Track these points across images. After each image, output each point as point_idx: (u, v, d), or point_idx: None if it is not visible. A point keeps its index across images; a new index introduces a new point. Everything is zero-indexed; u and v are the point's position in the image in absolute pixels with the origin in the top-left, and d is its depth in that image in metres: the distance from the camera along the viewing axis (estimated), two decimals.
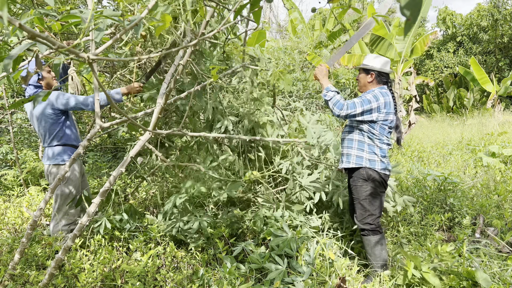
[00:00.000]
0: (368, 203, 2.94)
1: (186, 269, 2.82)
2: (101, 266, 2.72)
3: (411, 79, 9.92)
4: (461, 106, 19.02)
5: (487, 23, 20.68)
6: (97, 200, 2.24)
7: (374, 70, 3.02)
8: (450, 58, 22.29)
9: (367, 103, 2.85)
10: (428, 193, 4.62)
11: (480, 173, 6.24)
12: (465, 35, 22.50)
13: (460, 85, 21.10)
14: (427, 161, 7.48)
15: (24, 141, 6.58)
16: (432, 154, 8.12)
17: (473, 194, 4.82)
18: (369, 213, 2.95)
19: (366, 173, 2.93)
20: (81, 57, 0.95)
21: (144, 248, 2.98)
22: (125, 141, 5.08)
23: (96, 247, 3.00)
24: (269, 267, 2.74)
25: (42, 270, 2.84)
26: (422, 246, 3.61)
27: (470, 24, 21.95)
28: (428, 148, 8.79)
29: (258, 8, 1.38)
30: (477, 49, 21.93)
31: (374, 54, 3.08)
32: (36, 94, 1.21)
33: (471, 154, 8.02)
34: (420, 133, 12.37)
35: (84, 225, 2.13)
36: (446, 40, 23.35)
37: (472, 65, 15.01)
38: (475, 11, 21.70)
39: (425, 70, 23.26)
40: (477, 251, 3.35)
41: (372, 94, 2.91)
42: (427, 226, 3.94)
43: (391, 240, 3.83)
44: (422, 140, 10.66)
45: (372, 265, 2.97)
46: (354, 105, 2.84)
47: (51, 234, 3.26)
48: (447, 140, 10.43)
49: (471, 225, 4.04)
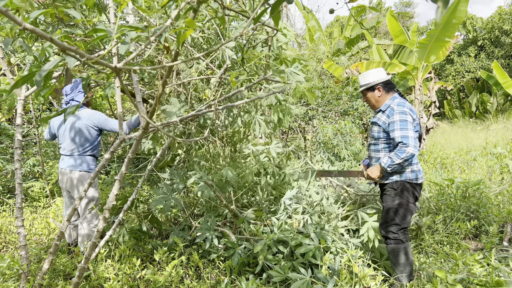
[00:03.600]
0: (394, 212, 2.89)
1: (209, 279, 2.84)
2: (126, 276, 2.76)
3: (431, 84, 9.77)
4: (484, 111, 18.58)
5: (509, 26, 20.23)
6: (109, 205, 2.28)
7: (379, 83, 2.97)
8: (471, 63, 21.85)
9: (405, 124, 2.76)
10: (452, 201, 4.52)
11: (506, 179, 6.08)
12: (486, 38, 22.05)
13: (482, 89, 20.63)
14: (450, 168, 7.33)
15: (50, 154, 6.75)
16: (455, 161, 7.95)
17: (499, 201, 4.69)
18: (394, 222, 2.89)
19: (397, 184, 2.89)
20: (109, 67, 0.98)
21: (167, 258, 3.01)
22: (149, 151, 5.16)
23: (121, 257, 3.05)
24: (292, 276, 2.72)
25: (69, 280, 2.90)
26: (448, 255, 3.53)
27: (491, 28, 21.51)
28: (451, 155, 8.61)
29: (278, 12, 1.40)
30: (500, 53, 21.44)
31: (364, 72, 3.03)
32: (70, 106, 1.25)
33: (497, 160, 7.81)
34: (442, 139, 12.13)
35: (100, 232, 2.16)
36: (467, 44, 22.93)
37: (495, 69, 14.68)
38: (496, 14, 21.27)
39: (446, 75, 22.86)
40: (505, 260, 3.25)
41: (399, 111, 2.80)
42: (452, 235, 3.85)
43: (416, 250, 3.75)
44: (445, 146, 10.45)
45: (396, 275, 2.91)
46: (408, 139, 2.71)
47: (83, 237, 3.37)
48: (471, 146, 10.19)
49: (498, 233, 3.93)
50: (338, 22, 23.17)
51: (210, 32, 3.33)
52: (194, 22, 1.06)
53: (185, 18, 1.43)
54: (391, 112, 2.85)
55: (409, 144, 2.70)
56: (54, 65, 1.13)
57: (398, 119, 2.77)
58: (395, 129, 2.77)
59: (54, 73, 2.39)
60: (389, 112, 2.87)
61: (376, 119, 2.97)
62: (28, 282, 2.55)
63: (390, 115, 2.85)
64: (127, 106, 6.79)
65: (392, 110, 2.85)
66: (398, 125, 2.76)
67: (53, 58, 1.99)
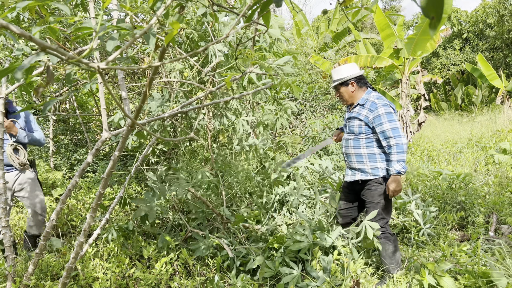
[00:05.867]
0: (382, 207, 2.89)
1: (199, 275, 2.82)
2: (114, 275, 2.74)
3: (419, 77, 9.84)
4: (470, 103, 18.84)
5: (493, 20, 20.49)
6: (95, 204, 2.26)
7: (352, 78, 2.95)
8: (456, 56, 22.12)
9: (391, 116, 2.78)
10: (439, 192, 4.58)
11: (491, 170, 6.18)
12: (471, 32, 22.32)
13: (467, 82, 20.90)
14: (437, 160, 7.42)
15: (35, 152, 6.65)
16: (442, 153, 8.05)
17: (485, 192, 4.76)
18: (381, 216, 2.91)
19: (384, 179, 2.89)
20: (91, 67, 0.95)
21: (156, 256, 2.99)
22: (135, 149, 5.11)
23: (109, 255, 3.02)
24: (283, 271, 2.73)
25: (56, 280, 2.87)
26: (435, 246, 3.58)
27: (475, 21, 21.77)
28: (438, 147, 8.72)
29: (268, 11, 1.39)
30: (484, 46, 21.73)
31: (337, 67, 3.01)
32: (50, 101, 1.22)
33: (482, 151, 7.93)
34: (429, 131, 12.27)
35: (87, 231, 2.13)
36: (452, 37, 23.17)
37: (480, 62, 14.87)
38: (480, 8, 21.53)
39: (432, 68, 23.11)
40: (491, 250, 3.30)
41: (382, 104, 2.81)
42: (439, 226, 3.90)
43: (404, 241, 3.79)
44: (432, 138, 10.57)
45: (385, 267, 2.94)
46: (398, 131, 2.74)
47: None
48: (457, 138, 10.33)
49: (485, 224, 3.99)
50: (325, 17, 23.17)
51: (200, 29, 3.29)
52: (178, 24, 1.04)
53: (173, 15, 1.40)
54: (373, 106, 2.83)
55: (400, 134, 2.72)
56: (34, 60, 1.10)
57: (383, 112, 2.78)
58: (383, 122, 2.76)
59: (36, 70, 2.34)
60: (371, 106, 2.85)
61: (356, 114, 2.93)
62: (15, 283, 2.51)
63: (372, 109, 2.83)
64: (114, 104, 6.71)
65: (374, 104, 2.84)
66: (385, 118, 2.76)
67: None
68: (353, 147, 2.97)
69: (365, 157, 2.91)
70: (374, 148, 2.89)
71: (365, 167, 2.92)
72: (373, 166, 2.89)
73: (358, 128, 2.91)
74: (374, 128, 2.83)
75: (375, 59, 9.24)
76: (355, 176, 3.00)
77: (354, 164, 2.99)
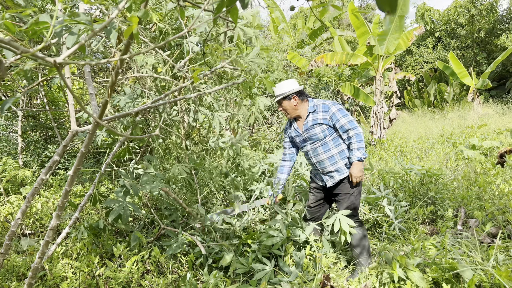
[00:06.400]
0: (354, 198, 3.02)
1: (170, 273, 2.80)
2: (84, 274, 2.68)
3: (392, 75, 10.03)
4: (442, 100, 19.35)
5: (464, 19, 21.06)
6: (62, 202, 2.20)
7: (293, 92, 3.08)
8: (429, 54, 22.65)
9: (344, 111, 2.99)
10: (410, 188, 4.68)
11: (461, 165, 6.36)
12: (443, 30, 22.89)
13: (440, 79, 21.46)
14: (409, 156, 7.58)
15: (3, 149, 6.43)
16: (414, 149, 8.23)
17: (454, 186, 4.90)
18: (354, 205, 3.03)
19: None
20: (48, 62, 0.92)
21: (128, 254, 2.94)
22: (108, 145, 5.02)
23: (79, 254, 2.95)
24: (255, 267, 2.73)
25: (22, 281, 2.78)
26: (406, 240, 3.66)
27: (447, 20, 22.33)
28: (411, 143, 8.91)
29: (235, 7, 1.37)
30: (455, 44, 22.33)
31: (278, 83, 3.14)
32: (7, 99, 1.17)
33: (453, 147, 8.16)
34: (402, 128, 12.53)
35: (53, 230, 2.08)
36: (425, 36, 23.71)
37: (451, 60, 15.27)
38: (452, 7, 22.08)
39: (406, 66, 23.59)
40: (459, 243, 3.40)
41: (332, 103, 3.02)
42: (410, 220, 3.99)
43: (376, 236, 3.87)
44: (405, 135, 10.80)
45: (357, 260, 3.00)
46: (354, 123, 2.95)
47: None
48: (429, 134, 10.59)
49: (453, 218, 4.11)
50: (302, 14, 23.29)
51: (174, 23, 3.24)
52: (136, 18, 1.01)
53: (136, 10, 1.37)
54: (325, 107, 3.01)
55: (356, 125, 2.93)
56: None
57: (336, 109, 2.97)
58: (339, 118, 2.94)
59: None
60: (323, 108, 3.02)
61: (313, 121, 3.04)
62: None
63: (326, 110, 3.00)
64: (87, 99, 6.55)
65: (325, 105, 3.02)
66: (339, 114, 2.95)
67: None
68: (324, 152, 3.05)
69: (337, 156, 3.02)
70: (342, 145, 3.04)
71: (339, 165, 3.02)
72: (345, 162, 3.02)
73: (321, 133, 3.01)
74: (335, 126, 2.98)
75: (350, 56, 9.36)
76: (333, 179, 3.07)
77: (328, 168, 3.06)
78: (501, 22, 22.25)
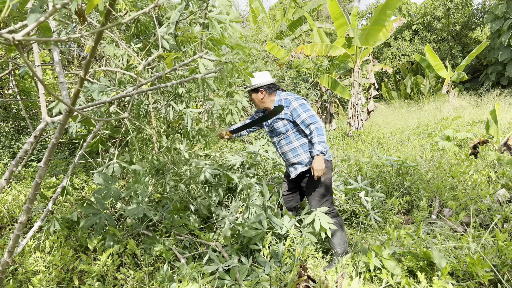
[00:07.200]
0: (324, 189, 3.07)
1: (147, 266, 2.75)
2: (57, 268, 2.61)
3: (370, 67, 10.12)
4: (418, 93, 19.69)
5: (440, 12, 21.41)
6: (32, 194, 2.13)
7: (262, 86, 3.14)
8: (406, 46, 22.97)
9: (305, 106, 3.02)
10: (387, 178, 4.75)
11: (436, 156, 6.49)
12: (420, 23, 23.23)
13: (416, 72, 21.83)
14: (386, 147, 7.69)
15: None
16: (391, 140, 8.36)
17: (429, 177, 4.99)
18: (326, 198, 3.08)
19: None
20: (6, 38, 0.86)
21: (102, 247, 2.88)
22: (82, 136, 4.88)
23: (52, 248, 2.87)
24: (231, 264, 2.73)
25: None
26: (382, 229, 3.71)
27: (424, 13, 22.67)
28: (387, 134, 9.04)
29: None
30: (432, 37, 22.72)
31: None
32: None
33: (428, 138, 8.32)
34: (380, 120, 12.71)
35: (23, 223, 2.00)
36: (403, 28, 24.02)
37: (428, 53, 15.53)
38: (428, 0, 22.41)
39: (384, 58, 23.87)
40: (433, 232, 3.47)
41: (294, 98, 3.06)
42: (387, 210, 4.05)
43: (353, 226, 3.91)
44: (382, 126, 10.96)
45: (334, 250, 3.04)
46: (315, 118, 2.97)
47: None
48: (405, 126, 10.77)
49: (428, 207, 4.19)
50: (281, 5, 23.18)
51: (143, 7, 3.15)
52: None
53: None
54: (287, 102, 3.06)
55: (317, 120, 2.96)
56: None
57: (297, 104, 3.02)
58: (299, 113, 2.99)
59: None
60: (285, 103, 3.07)
61: (276, 116, 3.13)
62: None
63: (288, 105, 3.05)
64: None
65: (287, 101, 3.07)
66: (300, 109, 3.00)
67: None
68: (286, 145, 3.16)
69: (299, 149, 3.11)
70: (303, 139, 3.11)
71: (302, 158, 3.10)
72: (308, 155, 3.09)
73: (283, 127, 3.11)
74: (295, 121, 3.04)
75: (329, 48, 9.38)
76: (296, 170, 3.16)
77: (292, 160, 3.17)
78: (476, 16, 22.74)
